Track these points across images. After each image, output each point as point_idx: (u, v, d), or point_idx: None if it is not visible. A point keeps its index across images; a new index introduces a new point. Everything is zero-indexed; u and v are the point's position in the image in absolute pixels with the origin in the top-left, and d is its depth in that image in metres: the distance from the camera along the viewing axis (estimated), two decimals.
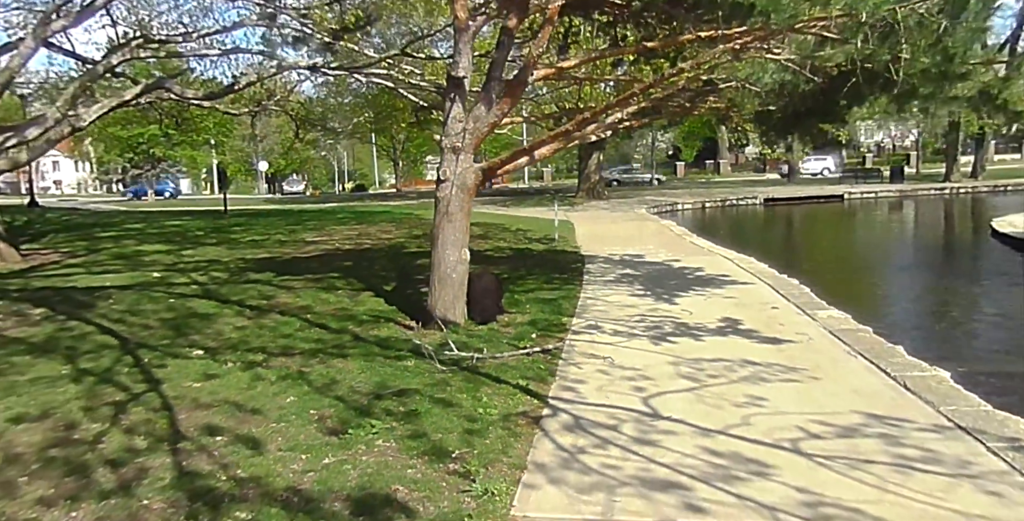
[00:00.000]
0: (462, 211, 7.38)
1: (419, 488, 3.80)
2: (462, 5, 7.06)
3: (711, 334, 7.21)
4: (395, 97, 28.63)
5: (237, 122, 42.74)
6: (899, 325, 9.61)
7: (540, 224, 20.41)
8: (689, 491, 3.74)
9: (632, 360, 6.26)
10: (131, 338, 7.18)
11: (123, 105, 13.27)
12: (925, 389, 5.24)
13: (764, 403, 5.07)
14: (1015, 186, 39.24)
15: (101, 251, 14.69)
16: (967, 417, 4.67)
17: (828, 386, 5.46)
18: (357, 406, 5.03)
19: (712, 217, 29.59)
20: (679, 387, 5.50)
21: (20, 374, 5.92)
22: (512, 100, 7.01)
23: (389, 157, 56.26)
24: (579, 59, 8.09)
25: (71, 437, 4.58)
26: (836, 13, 5.30)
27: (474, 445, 4.35)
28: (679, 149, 68.67)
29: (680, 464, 4.08)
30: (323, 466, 4.08)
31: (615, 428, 4.66)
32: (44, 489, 3.84)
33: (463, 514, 3.52)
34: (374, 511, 3.56)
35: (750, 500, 3.63)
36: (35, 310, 8.65)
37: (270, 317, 8.25)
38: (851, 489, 3.73)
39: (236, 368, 6.06)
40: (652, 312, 8.40)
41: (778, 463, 4.07)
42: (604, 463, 4.11)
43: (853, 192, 36.56)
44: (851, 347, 6.53)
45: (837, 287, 11.44)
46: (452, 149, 7.16)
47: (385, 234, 18.21)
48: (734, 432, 4.54)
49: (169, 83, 13.00)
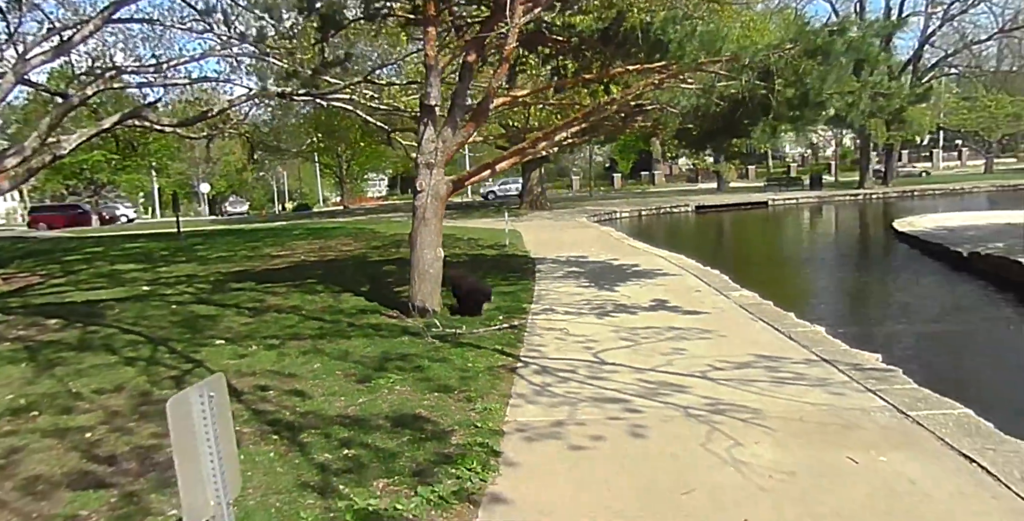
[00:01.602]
0: (436, 217, 8.84)
1: (436, 409, 5.23)
2: (432, 46, 8.56)
3: (644, 310, 8.84)
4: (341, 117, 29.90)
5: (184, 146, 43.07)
6: (796, 300, 11.46)
7: (489, 233, 21.92)
8: (628, 402, 5.29)
9: (582, 330, 7.82)
10: (154, 336, 8.34)
11: (102, 133, 14.22)
12: (803, 338, 6.96)
13: (683, 352, 6.69)
14: (921, 192, 42.90)
15: (78, 272, 15.47)
16: (828, 353, 6.38)
17: (732, 340, 7.12)
18: (372, 366, 6.42)
19: (648, 223, 31.68)
20: (620, 345, 7.08)
21: (78, 363, 7.07)
22: (477, 124, 8.54)
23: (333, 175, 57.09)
24: (531, 89, 9.69)
25: (151, 399, 5.83)
26: (726, 57, 7.02)
27: (470, 385, 5.81)
28: (616, 162, 71.43)
29: (622, 389, 5.63)
30: (360, 403, 5.47)
31: (573, 371, 6.19)
32: (153, 427, 5.11)
33: (472, 422, 4.97)
34: (407, 423, 4.98)
35: (671, 404, 5.19)
36: (49, 321, 9.63)
37: (269, 315, 9.48)
38: (740, 395, 5.34)
39: (260, 349, 7.35)
40: (596, 298, 9.99)
41: (691, 385, 5.66)
42: (567, 390, 5.63)
43: (776, 199, 39.34)
44: (754, 315, 8.25)
45: (753, 276, 13.28)
46: (427, 165, 8.63)
47: (345, 246, 19.40)
48: (661, 369, 6.13)
49: (145, 112, 14.04)
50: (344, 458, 4.40)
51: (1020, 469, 3.83)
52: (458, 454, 4.39)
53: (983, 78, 51.42)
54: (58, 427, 5.19)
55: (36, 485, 4.22)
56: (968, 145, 66.33)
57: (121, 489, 4.09)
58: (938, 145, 70.41)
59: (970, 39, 46.86)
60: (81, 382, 6.35)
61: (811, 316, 8.91)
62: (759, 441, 4.43)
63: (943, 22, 44.16)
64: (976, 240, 16.47)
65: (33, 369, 6.92)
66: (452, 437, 4.72)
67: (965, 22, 46.45)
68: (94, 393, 6.02)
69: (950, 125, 53.15)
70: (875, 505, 3.56)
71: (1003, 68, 53.66)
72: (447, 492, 3.85)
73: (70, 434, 5.05)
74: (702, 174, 60.43)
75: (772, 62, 6.95)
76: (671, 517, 3.55)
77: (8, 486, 4.23)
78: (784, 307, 9.14)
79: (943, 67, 48.17)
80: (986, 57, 53.76)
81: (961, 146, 68.02)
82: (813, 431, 4.58)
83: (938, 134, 66.25)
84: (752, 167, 64.40)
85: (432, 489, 3.88)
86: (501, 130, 20.45)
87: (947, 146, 70.37)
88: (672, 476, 4.00)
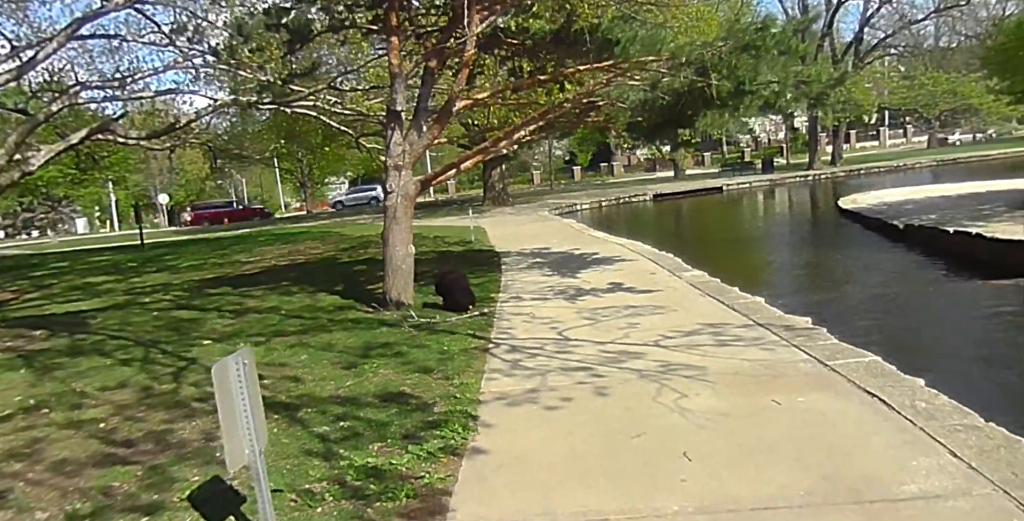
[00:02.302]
0: (406, 215, 9.42)
1: (418, 386, 5.85)
2: (396, 54, 9.13)
3: (603, 293, 9.55)
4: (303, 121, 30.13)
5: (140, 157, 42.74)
6: (744, 276, 12.31)
7: (454, 231, 22.48)
8: (592, 369, 5.97)
9: (547, 313, 8.50)
10: (142, 340, 8.78)
11: (70, 148, 14.44)
12: (744, 308, 7.72)
13: (638, 326, 7.40)
14: (867, 170, 44.56)
15: (50, 286, 15.65)
16: (764, 319, 7.15)
17: (682, 314, 7.85)
18: (356, 354, 7.00)
19: (608, 214, 32.55)
20: (582, 324, 7.77)
21: (75, 366, 7.51)
22: (441, 126, 9.14)
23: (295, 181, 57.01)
24: (491, 90, 10.30)
25: (154, 393, 6.33)
26: (666, 56, 7.74)
27: (447, 365, 6.43)
28: (575, 154, 72.36)
29: (585, 360, 6.31)
30: (348, 385, 6.05)
31: (541, 348, 6.86)
32: (163, 415, 5.63)
33: (452, 394, 5.60)
34: (394, 399, 5.58)
35: (628, 369, 5.89)
36: (35, 332, 9.96)
37: (250, 316, 9.96)
38: (689, 357, 6.06)
39: (248, 346, 7.85)
40: (559, 284, 10.68)
41: (646, 352, 6.37)
42: (536, 364, 6.30)
43: (731, 184, 40.59)
44: (702, 291, 9.01)
45: (706, 256, 14.13)
46: (395, 167, 9.20)
47: (314, 250, 19.80)
48: (619, 341, 6.83)
49: (113, 125, 14.31)
50: (341, 429, 4.99)
51: (911, 400, 4.60)
52: (441, 420, 5.01)
53: (922, 57, 53.48)
54: (72, 420, 5.68)
55: (64, 467, 4.73)
56: (912, 123, 68.77)
57: (144, 465, 4.62)
58: (884, 123, 72.81)
59: (908, 19, 48.78)
60: (83, 382, 6.81)
61: (756, 289, 9.68)
62: (700, 393, 5.14)
63: (881, 4, 45.87)
64: (912, 213, 17.56)
65: (33, 374, 7.34)
66: (435, 408, 5.34)
67: (903, 3, 48.35)
68: (99, 391, 6.49)
69: (892, 104, 55.07)
70: (790, 434, 4.28)
71: (940, 46, 55.86)
72: (434, 449, 4.48)
73: (85, 425, 5.54)
74: (660, 163, 61.69)
75: (707, 58, 7.67)
76: (624, 454, 4.22)
77: (39, 469, 4.73)
78: (732, 283, 9.91)
79: (884, 47, 50.05)
80: (924, 36, 55.98)
81: (906, 123, 70.48)
82: (746, 382, 5.30)
83: (883, 113, 68.56)
84: (708, 154, 65.85)
85: (421, 447, 4.50)
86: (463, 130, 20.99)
87: (892, 124, 72.81)
88: (627, 424, 4.68)
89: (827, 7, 44.82)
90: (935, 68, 54.23)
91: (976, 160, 44.15)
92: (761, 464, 3.92)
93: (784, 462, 3.92)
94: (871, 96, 45.21)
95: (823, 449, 4.05)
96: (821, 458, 3.93)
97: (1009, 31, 16.78)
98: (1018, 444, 3.90)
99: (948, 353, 7.94)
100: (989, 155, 45.32)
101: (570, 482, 3.91)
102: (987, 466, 3.64)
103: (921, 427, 4.18)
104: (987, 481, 3.50)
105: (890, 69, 60.69)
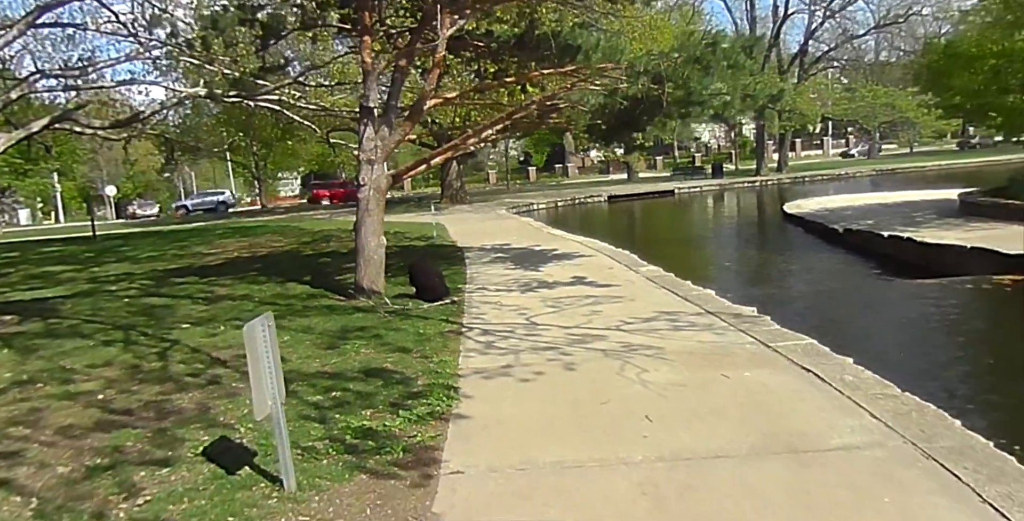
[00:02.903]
0: (378, 208, 9.83)
1: (399, 363, 6.31)
2: (368, 52, 9.53)
3: (565, 285, 10.13)
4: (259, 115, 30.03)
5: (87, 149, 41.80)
6: (696, 272, 13.08)
7: (414, 227, 22.83)
8: (560, 349, 6.52)
9: (514, 302, 9.03)
10: (119, 324, 8.97)
11: (30, 137, 14.36)
12: (696, 299, 8.39)
13: (599, 313, 8.00)
14: (811, 177, 46.39)
15: (8, 275, 15.47)
16: (715, 308, 7.83)
17: (639, 303, 8.48)
18: (336, 336, 7.41)
19: (564, 213, 33.28)
20: (547, 311, 8.33)
21: (57, 347, 7.69)
22: (413, 123, 9.58)
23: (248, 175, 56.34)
24: (458, 90, 10.78)
25: (143, 370, 6.62)
26: (625, 64, 8.35)
27: (424, 345, 6.91)
28: (530, 155, 73.14)
29: (553, 341, 6.86)
30: (333, 363, 6.47)
31: (511, 331, 7.38)
32: (156, 388, 5.96)
33: (432, 370, 6.08)
34: (377, 374, 6.03)
35: (593, 348, 6.46)
36: (4, 317, 10.03)
37: (223, 303, 10.20)
38: (646, 340, 6.66)
39: (227, 329, 8.16)
40: (523, 277, 11.22)
41: (608, 335, 6.95)
42: (508, 344, 6.82)
43: (682, 187, 41.83)
44: (657, 284, 9.67)
45: (660, 254, 14.86)
46: (368, 161, 9.60)
47: (275, 243, 19.91)
48: (583, 326, 7.41)
49: (74, 115, 14.29)
50: (332, 398, 5.43)
51: (840, 374, 5.27)
52: (425, 391, 5.49)
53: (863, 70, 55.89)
54: (68, 392, 5.96)
55: (71, 431, 5.04)
56: (853, 134, 71.63)
57: (149, 428, 4.98)
58: (828, 133, 75.62)
59: (850, 34, 50.99)
60: (69, 360, 7.03)
61: (706, 283, 10.39)
62: (659, 369, 5.74)
63: (824, 19, 47.83)
64: (850, 218, 18.66)
65: (16, 354, 7.51)
66: (417, 381, 5.81)
67: (846, 18, 50.49)
68: (87, 368, 6.75)
69: (834, 115, 57.36)
70: (737, 401, 4.90)
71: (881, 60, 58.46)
72: (422, 413, 4.96)
73: (81, 397, 5.83)
74: (613, 166, 62.91)
75: (663, 69, 8.32)
76: (593, 417, 4.78)
77: (48, 433, 5.03)
78: (684, 278, 10.59)
79: (827, 60, 52.18)
80: (866, 50, 58.54)
81: (848, 134, 73.36)
82: (699, 360, 5.93)
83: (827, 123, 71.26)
84: (659, 158, 67.39)
85: (410, 412, 4.98)
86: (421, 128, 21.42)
87: (835, 134, 75.67)
88: (594, 394, 5.24)
89: (774, 20, 46.64)
90: (875, 81, 56.75)
91: (913, 171, 46.40)
92: (711, 424, 4.52)
93: (731, 422, 4.53)
94: (815, 107, 47.06)
95: (764, 413, 4.67)
96: (762, 420, 4.55)
97: (938, 50, 17.99)
98: (927, 408, 4.59)
99: (875, 338, 8.79)
100: (925, 166, 47.67)
101: (546, 439, 4.44)
102: (900, 425, 4.31)
103: (848, 395, 4.84)
104: (899, 436, 4.16)
105: (833, 81, 63.24)
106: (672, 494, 3.62)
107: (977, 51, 15.09)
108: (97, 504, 3.84)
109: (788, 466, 3.87)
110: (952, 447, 3.93)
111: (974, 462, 3.73)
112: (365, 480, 3.98)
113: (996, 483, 3.48)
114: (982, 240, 12.35)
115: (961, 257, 11.87)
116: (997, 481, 3.51)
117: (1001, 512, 3.25)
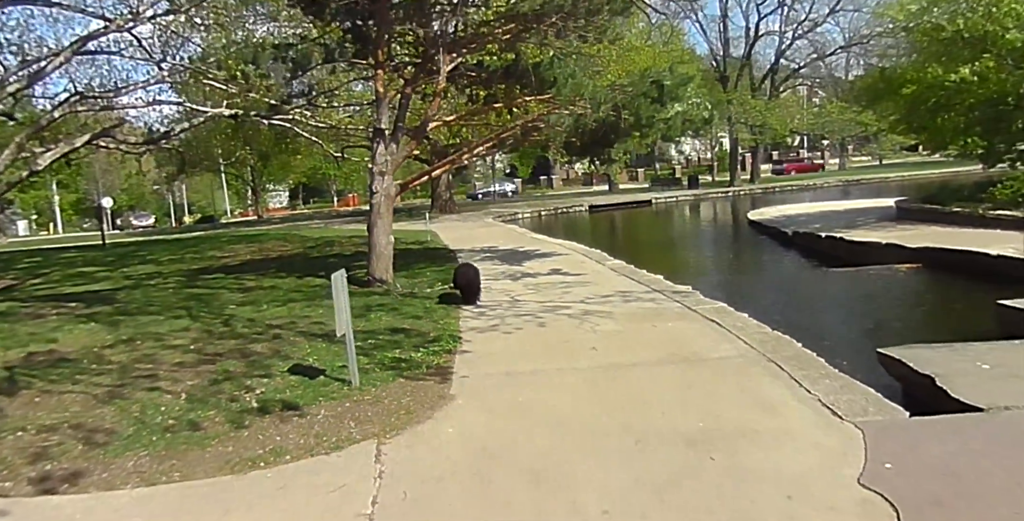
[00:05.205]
0: (388, 212, 11.88)
1: (417, 326, 8.35)
2: (381, 83, 11.61)
3: (543, 275, 12.23)
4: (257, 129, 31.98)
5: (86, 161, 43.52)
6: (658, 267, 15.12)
7: (406, 234, 24.77)
8: (535, 315, 8.60)
9: (501, 287, 11.10)
10: (175, 305, 10.90)
11: (73, 151, 16.30)
12: (647, 282, 10.51)
13: (570, 293, 10.09)
14: (782, 188, 48.90)
15: (48, 275, 17.30)
16: (660, 287, 9.93)
17: (602, 286, 10.57)
18: (361, 310, 9.40)
19: (547, 222, 35.43)
20: (528, 292, 10.41)
21: (135, 321, 9.61)
22: (417, 141, 11.66)
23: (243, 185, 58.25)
24: (455, 114, 12.90)
25: (215, 332, 8.59)
26: (588, 97, 10.52)
27: (432, 314, 8.96)
28: (516, 167, 75.49)
29: (532, 311, 8.92)
30: (363, 325, 8.47)
31: (499, 305, 9.45)
32: (233, 342, 7.92)
33: (440, 328, 8.12)
34: (400, 331, 8.06)
35: (561, 314, 8.54)
36: (70, 303, 11.86)
37: (256, 292, 12.15)
38: (602, 307, 8.75)
39: (270, 307, 10.15)
40: (508, 270, 13.30)
41: (572, 307, 9.03)
42: (496, 314, 8.89)
43: (660, 198, 44.17)
44: (619, 273, 11.79)
45: (630, 255, 16.96)
46: (379, 173, 11.66)
47: (282, 248, 21.82)
48: (554, 301, 9.49)
49: (113, 131, 16.27)
50: (369, 345, 7.44)
51: (733, 322, 7.38)
52: (436, 339, 7.54)
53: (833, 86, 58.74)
54: (165, 345, 7.93)
55: (183, 365, 7.02)
56: (827, 147, 74.61)
57: (243, 361, 6.97)
58: (803, 147, 78.65)
59: (820, 53, 53.81)
60: (152, 329, 8.97)
61: (659, 270, 12.50)
62: (607, 324, 7.82)
63: (793, 39, 50.62)
64: (802, 223, 20.88)
65: (103, 326, 9.44)
66: (430, 335, 7.86)
67: (816, 38, 53.32)
68: (170, 333, 8.70)
69: (804, 129, 60.14)
70: (657, 338, 6.99)
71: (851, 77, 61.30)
72: (437, 350, 7.01)
73: (178, 348, 7.79)
74: (596, 177, 65.31)
75: (618, 100, 10.49)
76: (556, 349, 6.85)
77: (164, 367, 7.00)
78: (640, 266, 12.70)
79: (798, 77, 55.00)
80: (835, 67, 61.41)
81: (824, 147, 76.37)
82: (638, 318, 8.02)
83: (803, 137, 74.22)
84: (641, 170, 69.89)
85: (428, 350, 7.03)
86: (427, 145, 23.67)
87: (810, 147, 78.71)
88: (558, 338, 7.31)
89: (746, 40, 49.41)
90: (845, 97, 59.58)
91: (877, 181, 49.06)
92: (636, 350, 6.61)
93: (650, 349, 6.62)
94: (784, 122, 49.70)
95: (674, 343, 6.77)
96: (672, 347, 6.64)
97: (875, 75, 20.34)
98: (783, 338, 6.71)
99: (775, 302, 11.10)
100: (888, 177, 50.37)
101: (524, 360, 6.51)
102: (761, 347, 6.41)
103: (734, 334, 6.95)
104: (758, 353, 6.25)
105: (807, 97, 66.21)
106: (604, 382, 5.69)
107: (898, 80, 17.44)
108: (229, 396, 5.85)
109: (681, 368, 5.96)
110: (787, 356, 6.04)
111: (798, 363, 5.84)
112: (403, 382, 6.03)
113: (803, 370, 5.59)
114: (898, 238, 14.55)
115: (878, 251, 14.07)
116: (804, 369, 5.61)
117: (800, 383, 5.34)
